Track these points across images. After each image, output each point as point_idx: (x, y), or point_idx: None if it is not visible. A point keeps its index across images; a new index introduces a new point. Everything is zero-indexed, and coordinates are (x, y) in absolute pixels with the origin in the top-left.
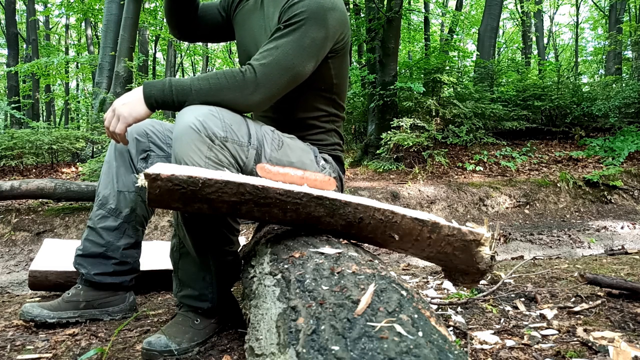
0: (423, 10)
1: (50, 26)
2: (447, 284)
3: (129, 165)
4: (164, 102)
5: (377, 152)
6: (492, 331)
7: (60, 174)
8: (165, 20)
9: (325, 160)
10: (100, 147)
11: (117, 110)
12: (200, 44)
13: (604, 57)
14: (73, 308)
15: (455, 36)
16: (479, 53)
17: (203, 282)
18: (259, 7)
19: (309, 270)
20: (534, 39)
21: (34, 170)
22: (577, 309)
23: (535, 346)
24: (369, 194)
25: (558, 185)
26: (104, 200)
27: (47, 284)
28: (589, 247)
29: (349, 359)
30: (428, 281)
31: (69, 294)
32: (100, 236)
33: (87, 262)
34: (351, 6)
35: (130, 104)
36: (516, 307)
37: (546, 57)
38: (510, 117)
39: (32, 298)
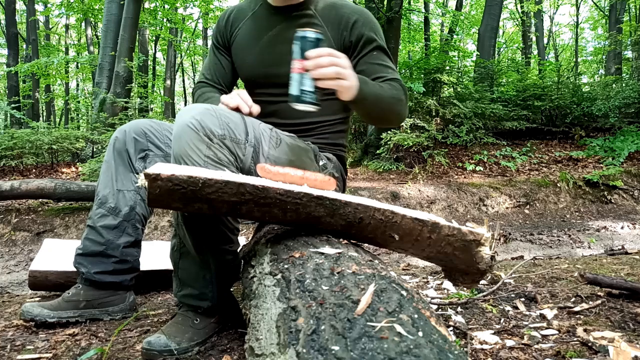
0: (423, 10)
1: (50, 26)
2: (447, 284)
3: (128, 165)
4: (366, 95)
5: (377, 152)
6: (492, 331)
7: (60, 174)
8: None
9: (328, 159)
10: (100, 147)
11: (347, 72)
12: (200, 43)
13: (604, 57)
14: (73, 308)
15: (455, 36)
16: (479, 53)
17: (203, 281)
18: (270, 28)
19: (309, 270)
20: (534, 39)
21: (34, 170)
22: (577, 309)
23: (535, 346)
24: (369, 194)
25: (558, 185)
26: (103, 199)
27: (47, 284)
28: (589, 247)
29: (349, 359)
30: (428, 281)
31: (69, 293)
32: (100, 235)
33: (87, 261)
34: None
35: (354, 78)
36: (516, 307)
37: (546, 57)
38: (510, 117)
39: (32, 298)
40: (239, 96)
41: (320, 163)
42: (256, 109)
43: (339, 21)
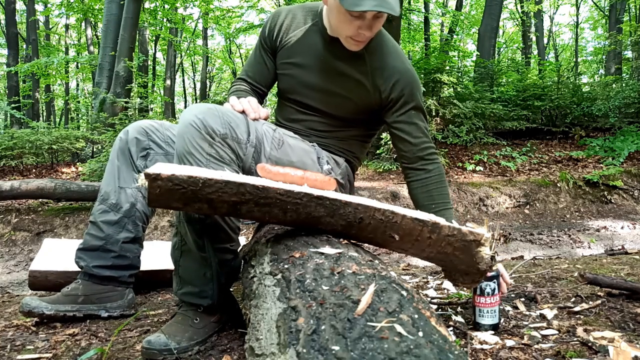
0: (423, 10)
1: (50, 26)
2: (447, 284)
3: (130, 163)
4: None
5: (377, 152)
6: (492, 331)
7: (60, 174)
8: None
9: (337, 163)
10: (100, 147)
11: None
12: (200, 43)
13: (604, 57)
14: (71, 302)
15: (455, 36)
16: (479, 53)
17: (203, 279)
18: (321, 51)
19: (309, 270)
20: (534, 39)
21: (34, 170)
22: (577, 309)
23: (535, 346)
24: (369, 194)
25: (558, 185)
26: (105, 196)
27: (47, 284)
28: (589, 247)
29: (350, 359)
30: (428, 281)
31: (68, 288)
32: (101, 229)
33: (87, 255)
34: None
35: None
36: (516, 307)
37: (546, 57)
38: (510, 117)
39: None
40: (248, 102)
41: (325, 167)
42: (264, 114)
43: (383, 73)
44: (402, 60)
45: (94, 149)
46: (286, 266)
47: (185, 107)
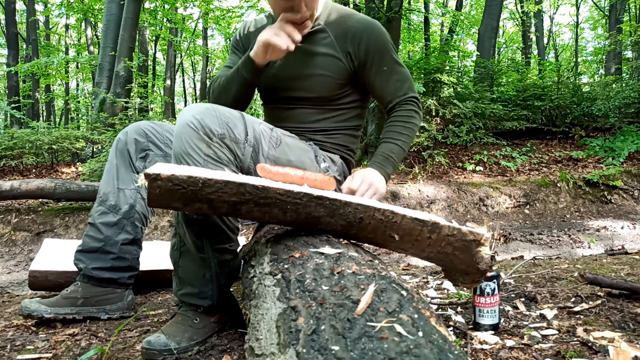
0: (423, 10)
1: (50, 26)
2: (447, 284)
3: (129, 164)
4: (393, 172)
5: None
6: (492, 331)
7: (60, 174)
8: (225, 104)
9: (333, 161)
10: (100, 147)
11: (375, 187)
12: (200, 43)
13: (604, 57)
14: (71, 305)
15: (455, 36)
16: (479, 53)
17: (203, 280)
18: None
19: (309, 270)
20: (534, 39)
21: (34, 170)
22: (577, 309)
23: (535, 346)
24: None
25: (558, 185)
26: (104, 197)
27: (47, 284)
28: (589, 247)
29: (349, 359)
30: (428, 281)
31: (67, 290)
32: (99, 231)
33: (86, 257)
34: (351, 6)
35: (382, 184)
36: (516, 307)
37: (546, 57)
38: (510, 117)
39: (32, 298)
40: (284, 32)
41: (322, 165)
42: (298, 38)
43: (347, 36)
44: (357, 19)
45: (94, 149)
46: (286, 266)
47: (185, 107)
